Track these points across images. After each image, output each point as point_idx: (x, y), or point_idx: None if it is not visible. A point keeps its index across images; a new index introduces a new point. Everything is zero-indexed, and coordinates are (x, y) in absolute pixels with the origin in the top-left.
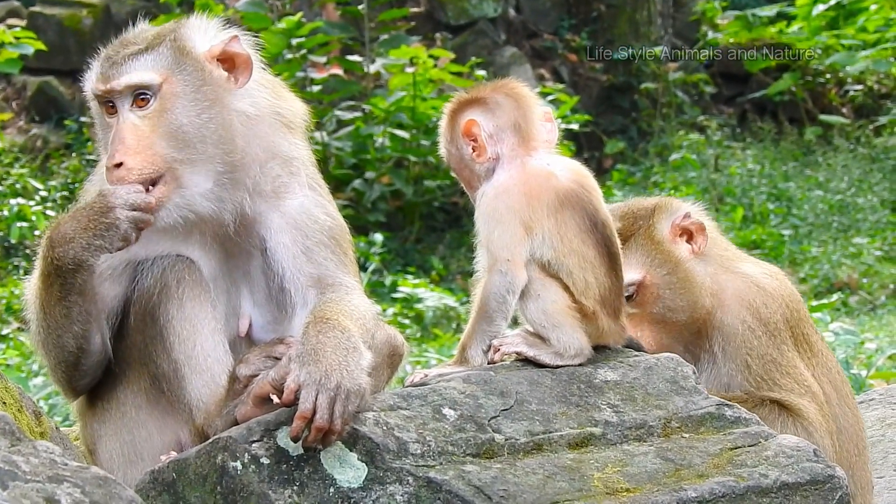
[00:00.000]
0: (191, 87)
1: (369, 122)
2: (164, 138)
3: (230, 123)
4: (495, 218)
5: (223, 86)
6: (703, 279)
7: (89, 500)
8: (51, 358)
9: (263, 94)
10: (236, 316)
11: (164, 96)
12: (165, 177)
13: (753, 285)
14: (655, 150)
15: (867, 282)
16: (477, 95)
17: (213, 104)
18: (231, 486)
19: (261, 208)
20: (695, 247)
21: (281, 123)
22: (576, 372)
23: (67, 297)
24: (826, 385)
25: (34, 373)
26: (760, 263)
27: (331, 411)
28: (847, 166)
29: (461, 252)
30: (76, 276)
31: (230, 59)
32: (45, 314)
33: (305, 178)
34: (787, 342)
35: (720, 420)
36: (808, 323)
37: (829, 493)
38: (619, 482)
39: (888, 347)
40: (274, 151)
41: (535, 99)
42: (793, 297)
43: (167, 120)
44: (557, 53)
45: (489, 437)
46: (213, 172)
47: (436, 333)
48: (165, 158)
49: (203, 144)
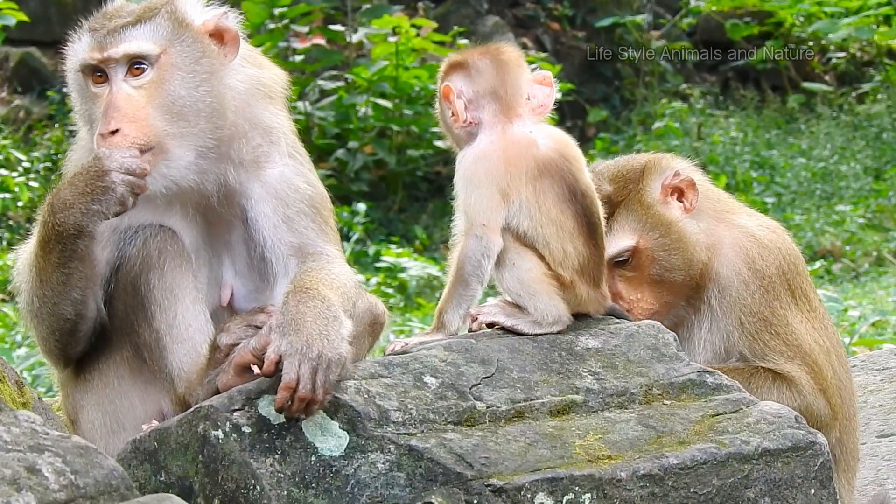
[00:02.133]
0: (189, 59)
1: (352, 91)
2: (159, 109)
3: (223, 97)
4: (473, 182)
5: (218, 60)
6: (698, 236)
7: (70, 470)
8: (44, 327)
9: (248, 67)
10: (218, 286)
11: (162, 67)
12: (155, 148)
13: (750, 236)
14: (638, 118)
15: (850, 249)
16: (460, 60)
17: (209, 77)
18: (212, 454)
19: (242, 178)
20: (686, 204)
21: (262, 94)
22: (557, 339)
23: (67, 264)
24: (823, 339)
25: (17, 343)
26: (757, 215)
27: (313, 381)
28: (830, 134)
29: (444, 221)
30: (77, 242)
31: (220, 35)
32: (42, 282)
33: (286, 147)
34: (781, 297)
35: (701, 387)
36: (806, 279)
37: (811, 460)
38: (601, 449)
39: (871, 315)
40: (255, 122)
41: (521, 65)
42: (790, 251)
43: (164, 91)
44: (540, 22)
45: (470, 404)
46: (200, 146)
47: (419, 303)
48: (158, 130)
49: (196, 118)
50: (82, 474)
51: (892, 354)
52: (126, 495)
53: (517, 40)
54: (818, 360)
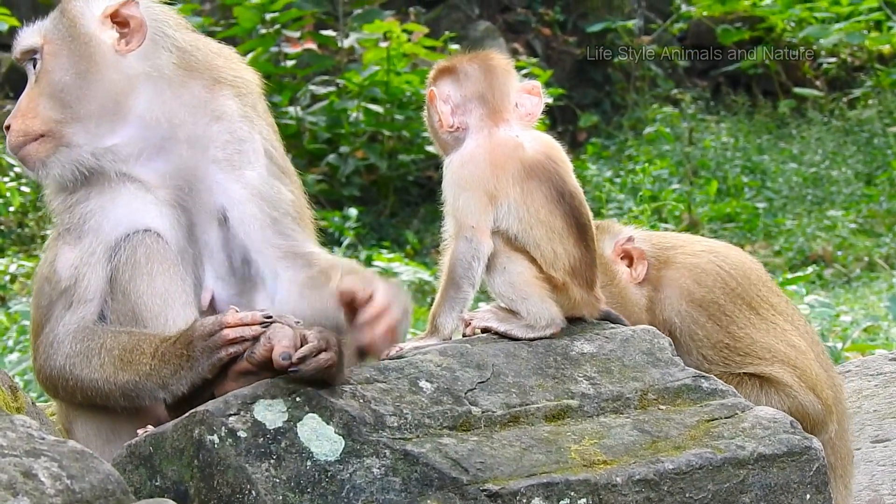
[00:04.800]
0: (66, 46)
1: (343, 96)
2: (47, 98)
3: (115, 82)
4: (461, 186)
5: (109, 46)
6: (638, 299)
7: (66, 474)
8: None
9: (167, 56)
10: (200, 289)
11: (45, 58)
12: (46, 136)
13: (685, 269)
14: (629, 123)
15: (842, 254)
16: (449, 65)
17: (91, 63)
18: (208, 459)
19: (218, 177)
20: (634, 273)
21: (220, 89)
22: (552, 344)
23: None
24: (797, 339)
25: (9, 349)
26: (702, 242)
27: (400, 323)
28: (821, 139)
29: (435, 226)
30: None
31: (125, 23)
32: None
33: (260, 144)
34: (737, 316)
35: (697, 392)
36: (765, 284)
37: (806, 465)
38: (597, 454)
39: (863, 320)
40: (216, 115)
41: (510, 72)
42: (735, 265)
43: (48, 79)
44: (531, 27)
45: (466, 409)
46: (103, 131)
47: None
48: (44, 118)
49: (82, 102)
50: (78, 479)
51: (886, 360)
52: (122, 500)
53: (508, 45)
54: (797, 361)
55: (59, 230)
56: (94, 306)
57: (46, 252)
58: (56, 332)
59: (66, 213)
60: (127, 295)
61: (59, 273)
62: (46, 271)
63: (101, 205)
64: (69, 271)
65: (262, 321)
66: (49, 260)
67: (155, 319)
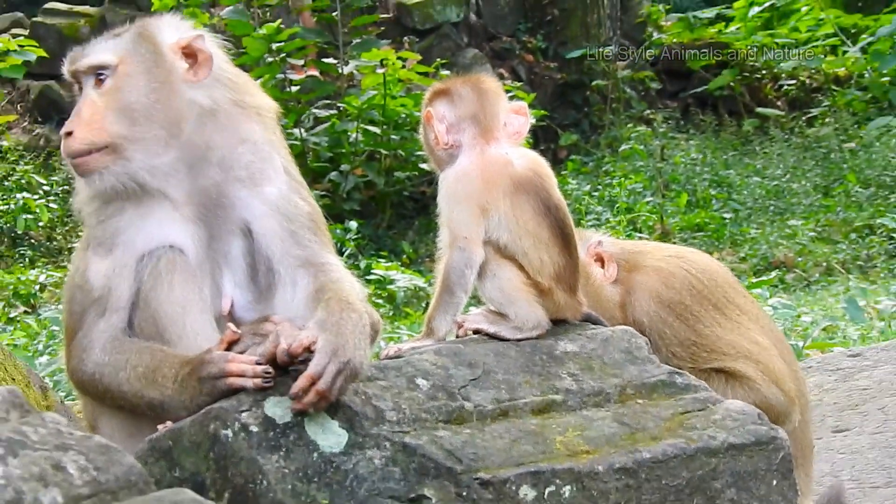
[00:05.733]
0: (143, 69)
1: (344, 118)
2: (115, 114)
3: (179, 109)
4: (455, 199)
5: (180, 75)
6: (612, 296)
7: (93, 467)
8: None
9: (222, 90)
10: (219, 296)
11: (119, 76)
12: (108, 148)
13: (655, 272)
14: (606, 141)
15: (802, 260)
16: (444, 87)
17: (161, 88)
18: (222, 452)
19: (241, 193)
20: (606, 273)
21: (247, 115)
22: (538, 344)
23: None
24: (761, 337)
25: (39, 352)
26: (669, 248)
27: (335, 381)
28: (782, 155)
29: (429, 237)
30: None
31: (193, 55)
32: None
33: (280, 163)
34: (703, 316)
35: (671, 387)
36: (731, 286)
37: (773, 453)
38: (580, 445)
39: (822, 320)
40: (241, 137)
41: (499, 94)
42: (702, 269)
43: (119, 97)
44: (515, 54)
45: (459, 404)
46: (158, 151)
47: (407, 312)
48: (111, 132)
49: (150, 122)
50: (104, 471)
51: (845, 356)
52: (144, 490)
53: (494, 71)
54: (760, 356)
55: (89, 240)
56: (124, 314)
57: (76, 261)
58: (90, 338)
59: (98, 225)
60: (148, 302)
61: (92, 283)
62: (79, 280)
63: (133, 219)
64: (101, 281)
65: (262, 375)
66: (81, 269)
67: (174, 325)
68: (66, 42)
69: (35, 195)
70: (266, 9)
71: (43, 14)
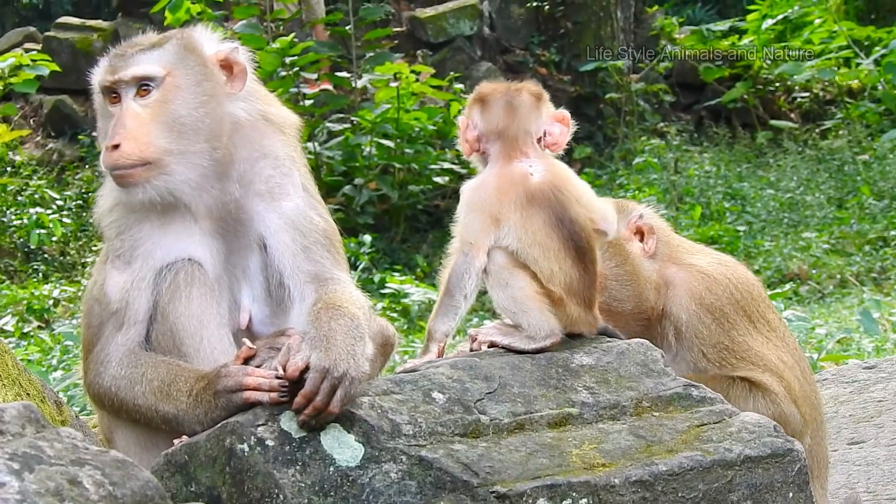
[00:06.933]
0: (192, 82)
1: (357, 132)
2: (161, 127)
3: (221, 121)
4: (470, 208)
5: (222, 88)
6: (650, 274)
7: (109, 482)
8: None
9: (253, 102)
10: (237, 310)
11: (167, 88)
12: (153, 163)
13: (699, 273)
14: (620, 154)
15: (816, 272)
16: (482, 95)
17: (209, 100)
18: (239, 466)
19: (259, 207)
20: (646, 247)
21: (271, 130)
22: (554, 357)
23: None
24: (786, 356)
25: (53, 367)
26: (712, 254)
27: (331, 396)
28: (796, 167)
29: (443, 250)
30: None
31: (230, 67)
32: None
33: (299, 180)
34: (738, 325)
35: (687, 399)
36: (763, 302)
37: (789, 466)
38: (596, 458)
39: (837, 332)
40: (264, 152)
41: (536, 107)
42: (742, 281)
43: (167, 110)
44: (528, 67)
45: (475, 418)
46: (198, 164)
47: (421, 325)
48: (158, 146)
49: (196, 136)
50: (120, 486)
51: (860, 368)
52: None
53: None
54: (784, 374)
55: (108, 253)
56: (141, 327)
57: (95, 273)
58: (108, 352)
59: (117, 237)
60: (166, 316)
61: (110, 296)
62: (97, 293)
63: (153, 232)
64: (119, 294)
65: (279, 389)
66: (99, 282)
67: (191, 338)
68: (79, 56)
69: (48, 210)
70: (279, 23)
71: (55, 28)
